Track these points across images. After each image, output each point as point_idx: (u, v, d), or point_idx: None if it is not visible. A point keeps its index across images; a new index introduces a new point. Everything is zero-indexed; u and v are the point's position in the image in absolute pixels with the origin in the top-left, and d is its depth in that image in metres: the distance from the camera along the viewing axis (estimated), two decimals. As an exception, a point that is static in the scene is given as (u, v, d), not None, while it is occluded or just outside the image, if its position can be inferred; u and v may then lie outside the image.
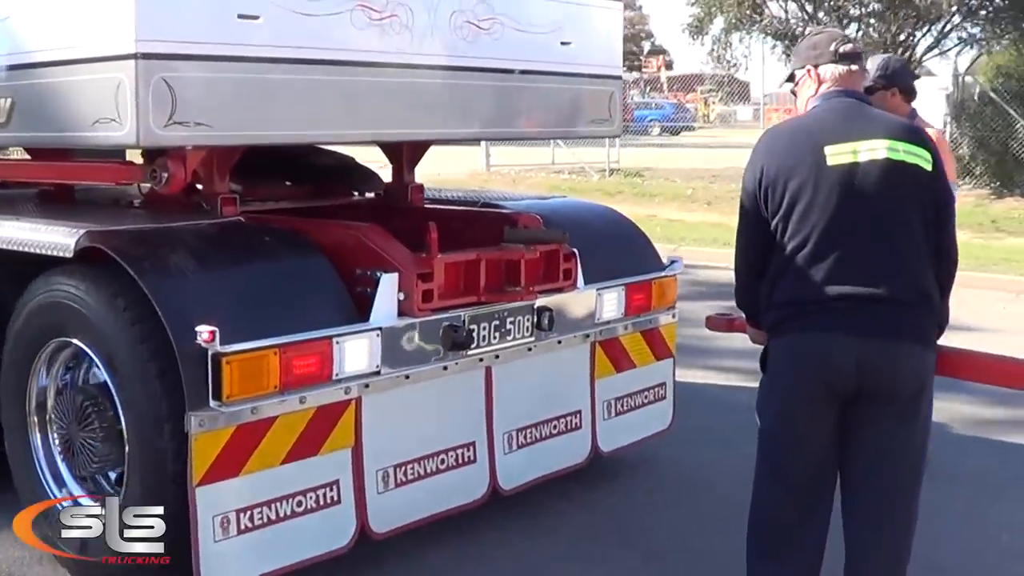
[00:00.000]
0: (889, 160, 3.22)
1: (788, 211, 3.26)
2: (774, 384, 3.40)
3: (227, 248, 4.00)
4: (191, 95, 3.72)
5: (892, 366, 3.20)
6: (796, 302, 3.26)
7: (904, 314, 3.21)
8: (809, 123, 3.40)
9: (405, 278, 4.08)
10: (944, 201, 3.36)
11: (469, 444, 4.47)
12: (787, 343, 3.32)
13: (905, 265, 3.21)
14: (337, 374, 3.82)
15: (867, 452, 3.29)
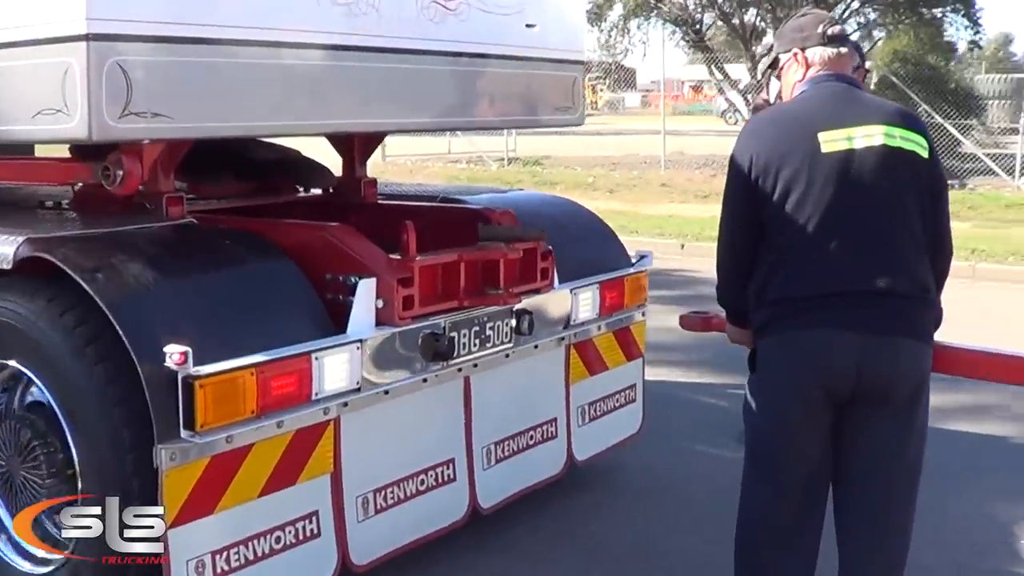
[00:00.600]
0: (886, 146, 3.04)
1: (781, 201, 3.05)
2: (766, 385, 3.18)
3: (186, 255, 3.57)
4: (149, 82, 3.28)
5: (892, 364, 3.02)
6: (791, 298, 3.05)
7: (904, 309, 3.03)
8: (800, 108, 3.20)
9: (383, 283, 3.70)
10: (940, 189, 3.19)
11: (448, 461, 4.12)
12: (782, 341, 3.09)
13: (905, 257, 3.04)
14: (316, 393, 3.44)
15: (864, 454, 3.11)
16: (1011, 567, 4.38)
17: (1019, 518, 4.85)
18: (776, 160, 3.06)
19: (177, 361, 3.01)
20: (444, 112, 4.49)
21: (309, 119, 3.85)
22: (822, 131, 3.04)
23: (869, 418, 3.06)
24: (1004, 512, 4.94)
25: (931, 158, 3.13)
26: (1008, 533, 4.69)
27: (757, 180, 3.10)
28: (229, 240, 3.68)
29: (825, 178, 3.01)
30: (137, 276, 3.28)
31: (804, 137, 3.05)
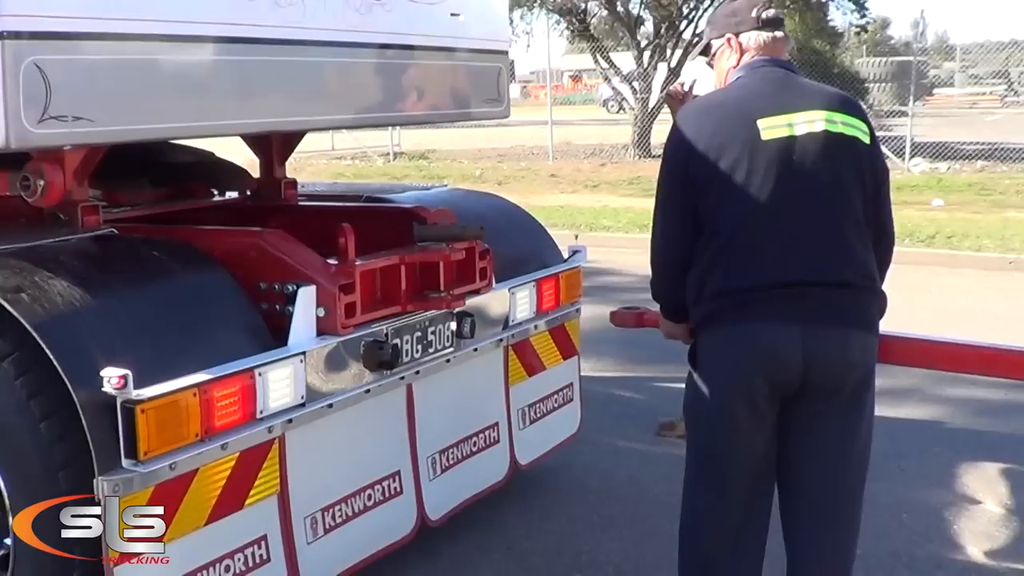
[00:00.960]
0: (827, 133, 2.95)
1: (721, 192, 2.94)
2: (709, 383, 3.05)
3: (113, 269, 3.31)
4: (69, 83, 3.02)
5: (840, 357, 2.93)
6: (733, 291, 2.94)
7: (851, 299, 2.96)
8: (737, 95, 3.10)
9: (323, 291, 3.50)
10: (882, 176, 3.12)
11: (394, 474, 3.94)
12: (724, 337, 2.99)
13: (850, 246, 2.95)
14: (261, 411, 3.23)
15: (812, 451, 3.03)
16: (948, 554, 4.36)
17: (949, 503, 4.86)
18: (715, 149, 2.95)
19: (116, 385, 2.78)
20: (372, 107, 4.29)
21: (238, 118, 3.62)
22: (761, 118, 2.94)
23: (818, 413, 2.98)
24: (934, 497, 4.94)
25: (872, 144, 3.06)
26: (940, 518, 4.69)
27: (695, 170, 2.99)
28: (156, 251, 3.43)
29: (766, 166, 2.91)
30: (64, 295, 3.02)
31: (743, 124, 2.95)
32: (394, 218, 4.32)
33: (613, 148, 23.28)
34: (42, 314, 2.93)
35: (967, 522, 4.62)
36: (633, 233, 12.73)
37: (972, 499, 4.88)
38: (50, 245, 3.35)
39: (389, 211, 4.45)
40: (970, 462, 5.34)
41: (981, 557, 4.30)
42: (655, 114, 22.32)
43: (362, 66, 4.09)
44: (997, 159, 19.15)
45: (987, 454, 5.45)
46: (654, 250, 3.21)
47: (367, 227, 4.17)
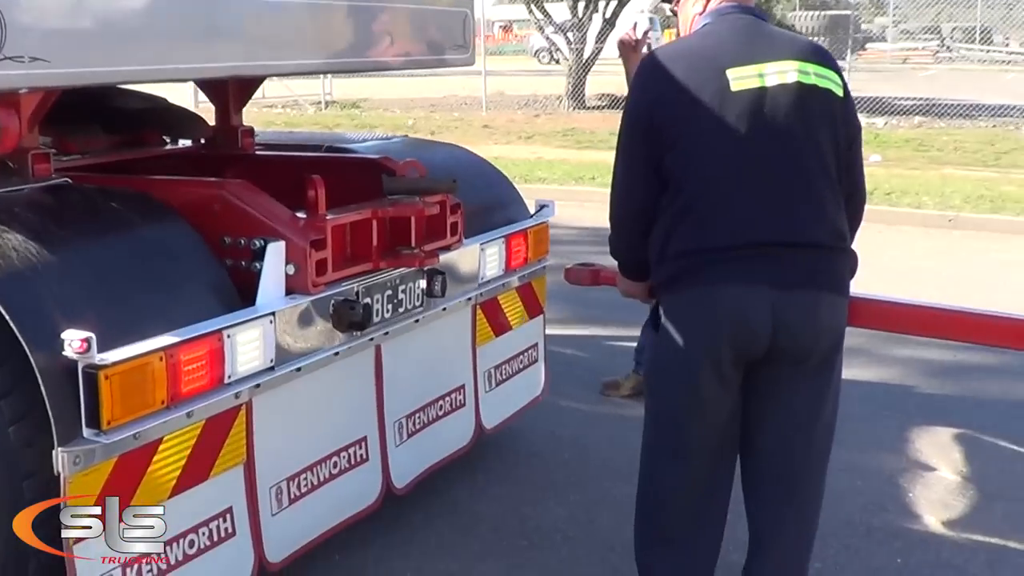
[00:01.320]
0: (800, 84, 2.79)
1: (688, 147, 2.78)
2: (672, 347, 2.87)
3: (70, 221, 3.05)
4: (25, 21, 2.75)
5: (811, 321, 2.78)
6: (698, 251, 2.78)
7: (822, 260, 2.81)
8: (704, 44, 2.92)
9: (293, 247, 3.28)
10: (855, 129, 2.97)
11: (360, 440, 3.76)
12: (689, 299, 2.83)
13: (821, 204, 2.79)
14: (229, 376, 3.02)
15: (778, 418, 2.89)
16: (906, 523, 4.27)
17: (903, 469, 4.79)
18: (681, 100, 2.78)
19: (78, 349, 2.55)
20: (337, 53, 4.04)
21: (204, 61, 3.36)
22: (731, 67, 2.78)
23: (786, 378, 2.83)
24: (888, 463, 4.85)
25: (845, 97, 2.91)
26: (895, 486, 4.61)
27: (660, 123, 2.81)
28: (115, 202, 3.18)
29: (736, 119, 2.74)
30: (19, 250, 2.77)
31: (711, 75, 2.78)
32: (360, 169, 4.11)
33: (547, 99, 23.04)
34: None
35: (923, 490, 4.55)
36: (568, 185, 12.58)
37: (926, 466, 4.82)
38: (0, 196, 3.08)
39: (354, 162, 4.22)
40: (922, 426, 5.27)
41: (939, 527, 4.22)
42: (589, 65, 22.11)
43: (328, 8, 3.85)
44: (934, 115, 19.19)
45: (939, 418, 5.39)
46: (613, 204, 3.03)
47: (330, 179, 3.95)
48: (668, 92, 2.81)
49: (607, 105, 21.83)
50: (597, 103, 22.48)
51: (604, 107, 21.78)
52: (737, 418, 2.90)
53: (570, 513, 4.27)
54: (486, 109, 21.81)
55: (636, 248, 3.00)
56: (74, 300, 2.76)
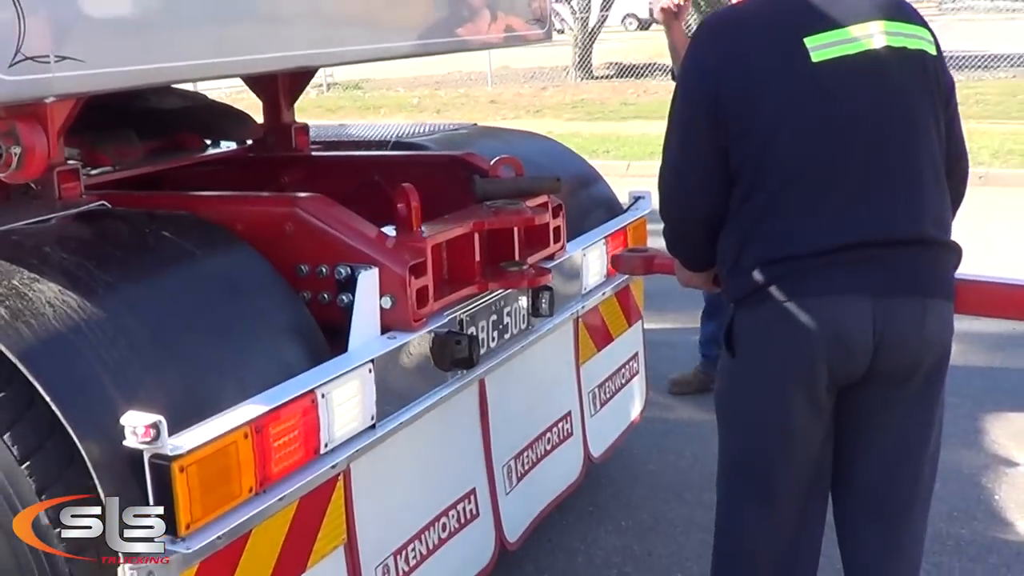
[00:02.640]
0: (889, 48, 2.34)
1: (764, 134, 2.31)
2: (755, 373, 2.44)
3: (114, 260, 2.44)
4: (49, 12, 2.13)
5: (916, 333, 2.35)
6: (784, 259, 2.33)
7: (931, 260, 2.38)
8: (773, 7, 2.41)
9: (389, 275, 2.67)
10: (951, 88, 2.51)
11: (469, 493, 3.16)
12: (775, 316, 2.35)
13: (925, 191, 2.35)
14: (326, 444, 2.41)
15: (881, 449, 2.48)
16: (998, 533, 3.83)
17: (984, 467, 4.35)
18: (754, 77, 2.31)
19: (144, 436, 1.95)
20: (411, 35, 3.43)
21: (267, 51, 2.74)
22: (809, 35, 2.31)
23: (888, 402, 2.42)
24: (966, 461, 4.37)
25: (938, 55, 2.46)
26: (980, 488, 4.15)
27: (728, 106, 2.33)
28: (167, 231, 2.57)
29: (820, 97, 2.29)
30: (55, 305, 2.17)
31: (787, 44, 2.31)
32: (439, 169, 3.49)
33: (553, 71, 22.43)
34: (30, 337, 2.09)
35: (1010, 491, 4.11)
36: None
37: (1008, 460, 4.38)
38: (24, 230, 2.48)
39: (431, 161, 3.60)
40: (993, 412, 4.81)
41: None
42: (595, 34, 21.54)
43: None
44: (952, 68, 18.48)
45: (1010, 401, 4.94)
46: (669, 201, 2.55)
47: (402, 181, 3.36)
48: (735, 68, 2.33)
49: (615, 74, 21.32)
50: (605, 72, 21.95)
51: (612, 76, 21.27)
52: (829, 450, 2.50)
53: (624, 544, 3.77)
54: (491, 84, 21.29)
55: (701, 245, 2.55)
56: (129, 367, 2.17)
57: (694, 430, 4.59)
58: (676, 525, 3.91)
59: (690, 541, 3.79)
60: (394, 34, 3.36)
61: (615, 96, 18.29)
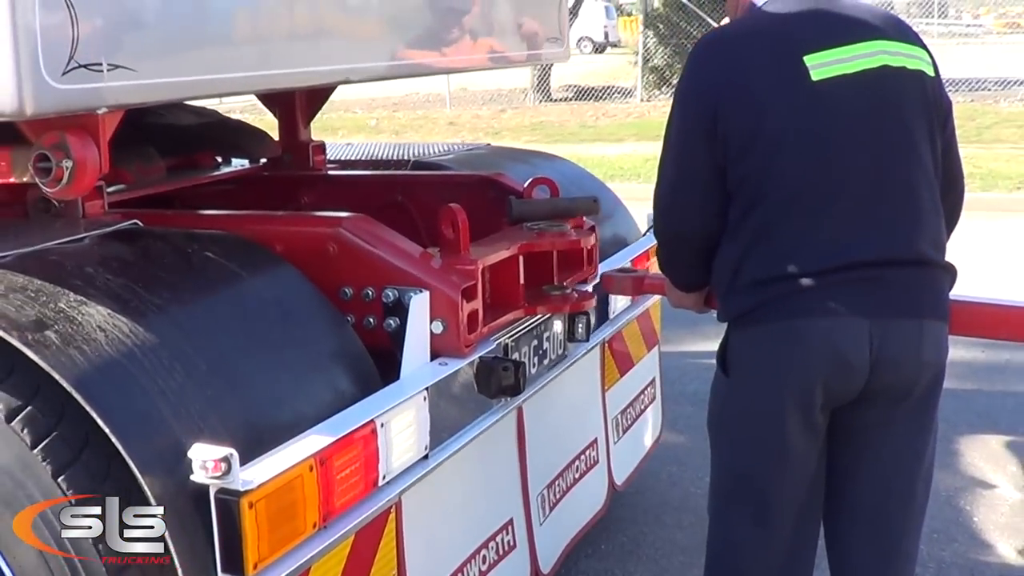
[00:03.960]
0: (887, 67, 2.34)
1: (763, 152, 2.30)
2: (751, 394, 2.42)
3: (159, 282, 2.31)
4: (102, 17, 2.02)
5: (914, 355, 2.34)
6: (782, 278, 2.30)
7: (925, 281, 2.37)
8: (772, 25, 2.41)
9: (440, 298, 2.56)
10: (949, 109, 2.51)
11: (507, 524, 3.06)
12: (772, 336, 2.35)
13: (922, 211, 2.35)
14: (384, 476, 2.30)
15: (875, 469, 2.46)
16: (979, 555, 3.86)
17: (961, 489, 4.39)
18: (756, 97, 2.30)
19: (214, 470, 1.83)
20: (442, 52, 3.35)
21: (311, 65, 2.64)
22: (808, 53, 2.30)
23: (882, 421, 2.41)
24: (943, 482, 4.29)
25: (936, 75, 2.46)
26: (958, 510, 4.18)
27: (728, 121, 2.32)
28: (211, 252, 2.45)
29: (819, 116, 2.29)
30: (107, 330, 2.05)
31: (787, 63, 2.31)
32: (466, 190, 3.39)
33: (512, 93, 22.47)
34: (83, 364, 1.96)
35: (988, 512, 4.15)
36: (544, 183, 11.99)
37: (984, 482, 4.43)
38: (61, 250, 2.35)
39: (460, 181, 3.49)
40: (969, 435, 4.87)
41: (1016, 556, 3.82)
42: (554, 56, 21.59)
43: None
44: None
45: (982, 423, 5.00)
46: (666, 219, 2.54)
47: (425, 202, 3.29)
48: (735, 86, 2.32)
49: (574, 96, 21.39)
50: (564, 95, 21.99)
51: (571, 98, 21.34)
52: (823, 468, 2.48)
53: (605, 568, 3.75)
54: (450, 106, 21.24)
55: (694, 265, 2.55)
56: (187, 397, 2.04)
57: (672, 452, 4.55)
58: (657, 548, 3.89)
59: (672, 564, 3.77)
60: (422, 52, 3.28)
61: (574, 119, 18.31)
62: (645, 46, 20.98)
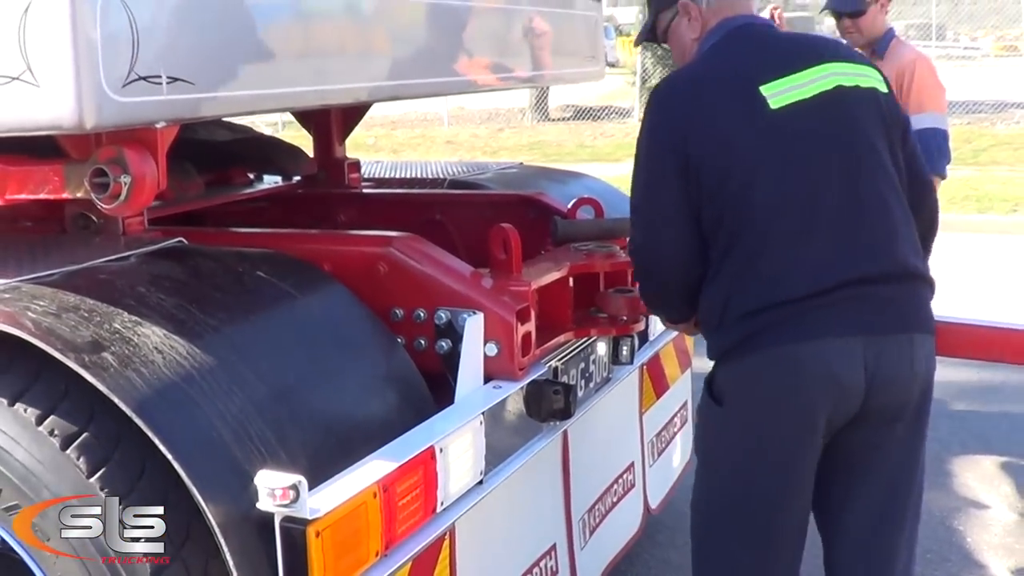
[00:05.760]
0: (843, 87, 2.39)
1: (736, 188, 2.32)
2: (749, 422, 2.39)
3: (211, 302, 2.24)
4: (162, 29, 1.97)
5: (907, 370, 2.34)
6: (771, 306, 2.29)
7: (912, 294, 2.38)
8: (724, 63, 2.46)
9: (495, 320, 2.50)
10: (906, 122, 2.55)
11: (550, 549, 2.99)
12: (767, 362, 2.32)
13: (898, 224, 2.37)
14: (442, 502, 2.24)
15: (871, 490, 2.45)
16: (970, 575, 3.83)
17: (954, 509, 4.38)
18: (719, 133, 2.33)
19: (281, 498, 1.76)
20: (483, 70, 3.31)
21: (351, 81, 2.58)
22: (763, 83, 2.34)
23: (878, 442, 2.40)
24: (937, 502, 4.36)
25: (889, 92, 2.52)
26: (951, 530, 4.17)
27: (697, 164, 2.34)
28: (262, 271, 2.39)
29: (783, 143, 2.32)
30: (164, 352, 1.99)
31: (744, 95, 2.34)
32: (508, 209, 3.33)
33: (509, 113, 22.45)
34: (143, 387, 1.89)
35: (981, 532, 4.15)
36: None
37: (978, 503, 4.42)
38: (110, 268, 2.29)
39: (501, 200, 3.44)
40: (962, 455, 4.88)
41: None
42: (552, 76, 21.65)
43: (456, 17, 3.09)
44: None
45: (976, 444, 5.00)
46: (644, 270, 2.56)
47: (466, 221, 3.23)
48: (700, 125, 2.35)
49: (572, 116, 21.39)
50: (561, 115, 22.00)
51: (569, 118, 21.34)
52: (811, 492, 2.45)
53: None
54: (448, 125, 21.22)
55: (682, 300, 2.54)
56: (248, 422, 1.98)
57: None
58: (651, 567, 3.87)
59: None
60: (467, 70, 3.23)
61: (571, 138, 18.29)
62: (643, 66, 21.00)
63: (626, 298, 2.93)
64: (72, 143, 2.33)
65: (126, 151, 2.17)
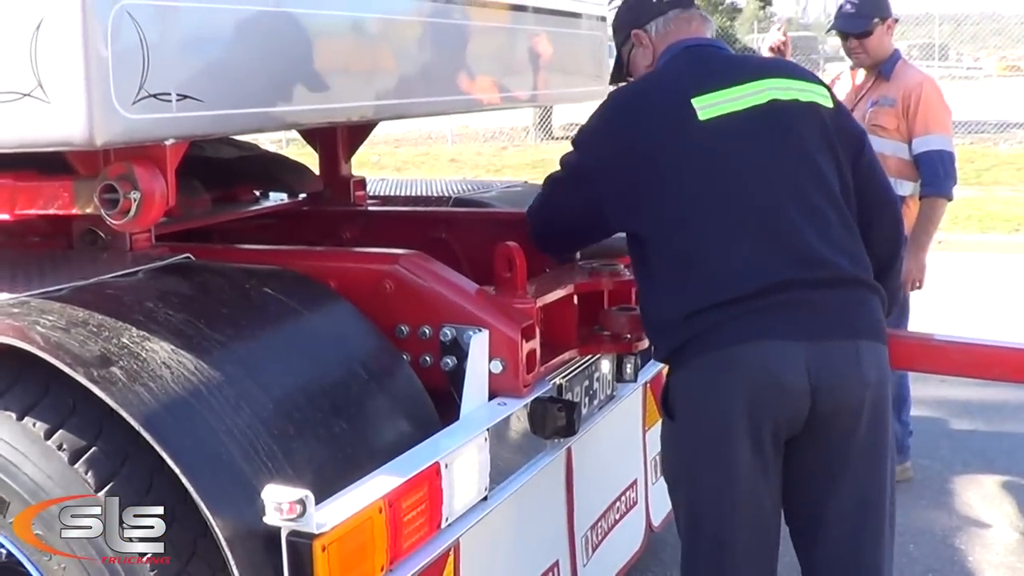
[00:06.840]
0: (777, 101, 2.47)
1: (667, 190, 2.41)
2: (696, 429, 2.42)
3: (218, 318, 2.26)
4: (172, 47, 1.99)
5: (855, 374, 2.34)
6: (710, 308, 2.33)
7: (857, 301, 2.41)
8: (664, 77, 2.63)
9: (500, 337, 2.51)
10: (860, 137, 2.62)
11: (553, 566, 2.99)
12: (707, 366, 2.36)
13: (833, 231, 2.41)
14: (447, 518, 2.24)
15: (840, 510, 2.43)
16: None
17: (956, 528, 4.34)
18: (650, 139, 2.45)
19: (288, 512, 1.78)
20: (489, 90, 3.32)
21: (360, 100, 2.60)
22: (696, 95, 2.44)
23: (840, 458, 2.39)
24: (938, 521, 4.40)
25: (836, 107, 2.59)
26: (952, 549, 4.18)
27: (626, 177, 2.46)
28: (269, 287, 2.41)
29: (711, 151, 2.41)
30: (172, 366, 2.00)
31: (675, 107, 2.45)
32: (514, 228, 3.33)
33: (513, 131, 22.53)
34: (151, 402, 1.91)
35: (982, 551, 4.15)
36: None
37: (980, 522, 4.41)
38: (118, 284, 2.31)
39: (506, 219, 3.45)
40: (964, 474, 4.88)
41: None
42: (555, 95, 21.72)
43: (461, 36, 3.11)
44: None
45: (977, 462, 5.01)
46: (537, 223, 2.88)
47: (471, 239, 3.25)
48: (624, 138, 2.49)
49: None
50: (565, 133, 22.03)
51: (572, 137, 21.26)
52: (778, 515, 2.46)
53: None
54: (452, 143, 21.27)
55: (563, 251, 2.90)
56: (255, 437, 1.99)
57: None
58: None
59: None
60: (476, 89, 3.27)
61: (574, 157, 18.32)
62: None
63: (629, 316, 2.93)
64: (81, 159, 2.35)
65: (136, 167, 2.18)
